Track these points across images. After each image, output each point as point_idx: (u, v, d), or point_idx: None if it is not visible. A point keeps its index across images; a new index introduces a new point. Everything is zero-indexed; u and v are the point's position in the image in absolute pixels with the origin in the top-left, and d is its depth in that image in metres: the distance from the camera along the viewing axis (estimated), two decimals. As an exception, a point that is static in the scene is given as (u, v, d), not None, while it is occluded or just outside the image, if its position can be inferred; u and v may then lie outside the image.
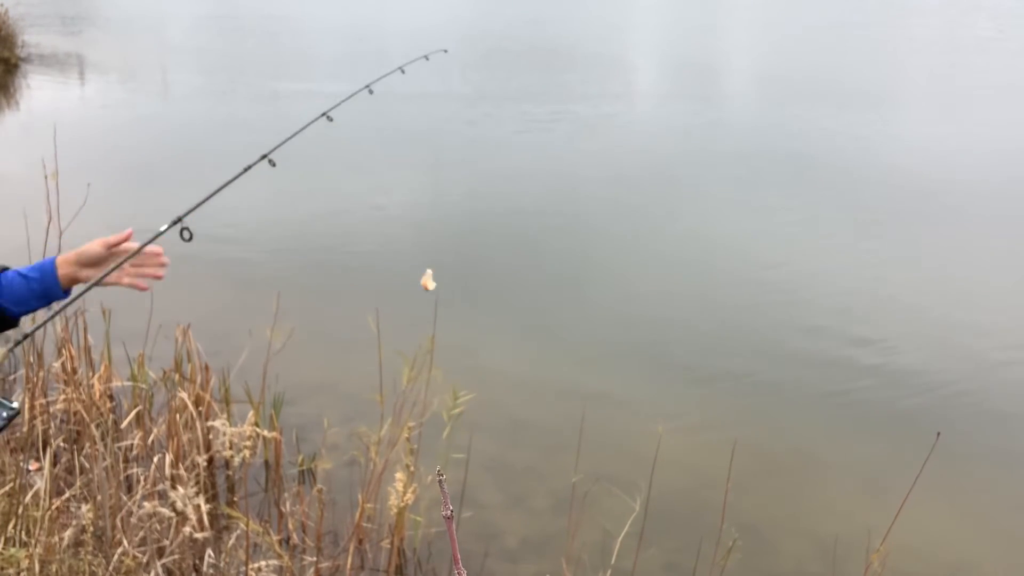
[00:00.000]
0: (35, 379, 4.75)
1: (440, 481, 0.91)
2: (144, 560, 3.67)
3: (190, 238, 2.27)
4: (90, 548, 3.60)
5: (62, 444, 4.62)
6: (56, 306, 2.17)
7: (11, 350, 2.08)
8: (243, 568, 3.74)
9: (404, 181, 10.42)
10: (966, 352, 6.55)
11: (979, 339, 6.76)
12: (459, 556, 0.80)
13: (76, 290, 2.21)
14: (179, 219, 2.30)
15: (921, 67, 19.35)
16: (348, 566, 4.09)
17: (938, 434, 3.07)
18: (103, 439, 4.19)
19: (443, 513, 0.88)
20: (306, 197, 9.73)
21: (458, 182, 10.55)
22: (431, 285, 2.33)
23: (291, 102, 14.31)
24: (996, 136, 13.30)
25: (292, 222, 8.96)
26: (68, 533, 3.60)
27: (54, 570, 3.42)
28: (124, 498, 3.96)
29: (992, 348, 6.63)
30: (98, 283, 2.18)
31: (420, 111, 13.67)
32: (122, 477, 4.29)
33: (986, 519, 4.86)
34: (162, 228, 2.30)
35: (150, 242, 2.22)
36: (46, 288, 2.12)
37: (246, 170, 2.56)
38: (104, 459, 3.90)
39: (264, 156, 2.68)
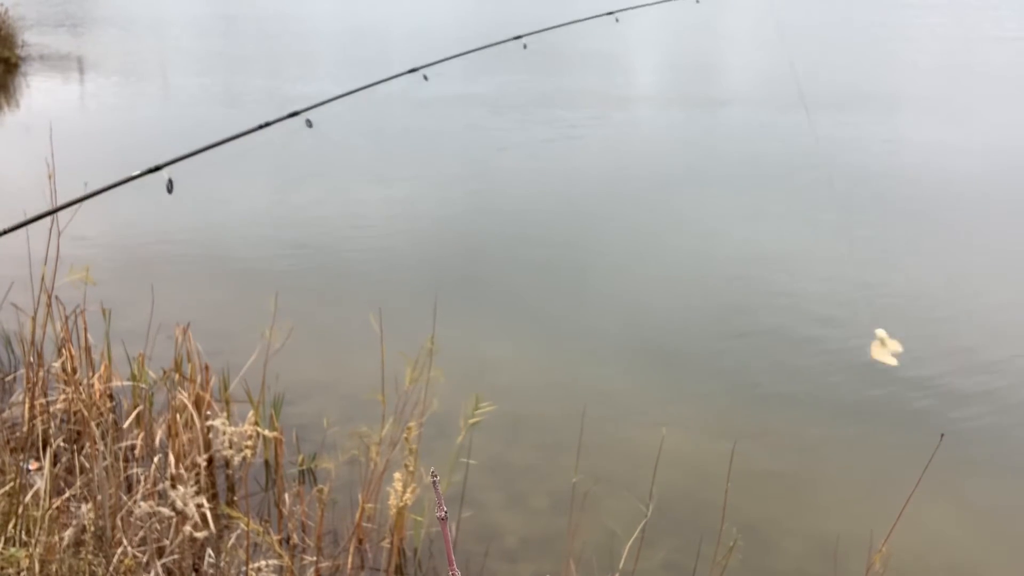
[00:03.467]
0: (35, 379, 4.75)
1: (434, 482, 0.90)
2: (144, 560, 3.67)
3: (171, 189, 2.27)
4: (90, 548, 3.60)
5: (62, 444, 4.62)
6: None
7: None
8: (243, 568, 3.74)
9: (409, 183, 10.41)
10: (971, 353, 6.53)
11: (985, 340, 6.74)
12: (453, 557, 0.79)
13: None
14: (157, 168, 2.28)
15: (938, 66, 19.27)
16: (348, 566, 4.08)
17: (942, 435, 3.06)
18: (103, 439, 4.19)
19: (437, 514, 0.88)
20: (309, 197, 9.74)
21: (463, 184, 10.55)
22: (889, 356, 1.78)
23: (291, 103, 14.28)
24: (1007, 135, 13.27)
25: (294, 222, 8.96)
26: (68, 533, 3.59)
27: (54, 570, 3.42)
28: (124, 498, 3.96)
29: (998, 349, 6.61)
30: None
31: (436, 114, 13.67)
32: (122, 477, 4.29)
33: (990, 521, 4.85)
34: (136, 172, 2.30)
35: (123, 182, 2.24)
36: None
37: (264, 125, 2.48)
38: (104, 459, 3.90)
39: (295, 113, 2.66)
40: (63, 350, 4.93)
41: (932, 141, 12.94)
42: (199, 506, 3.71)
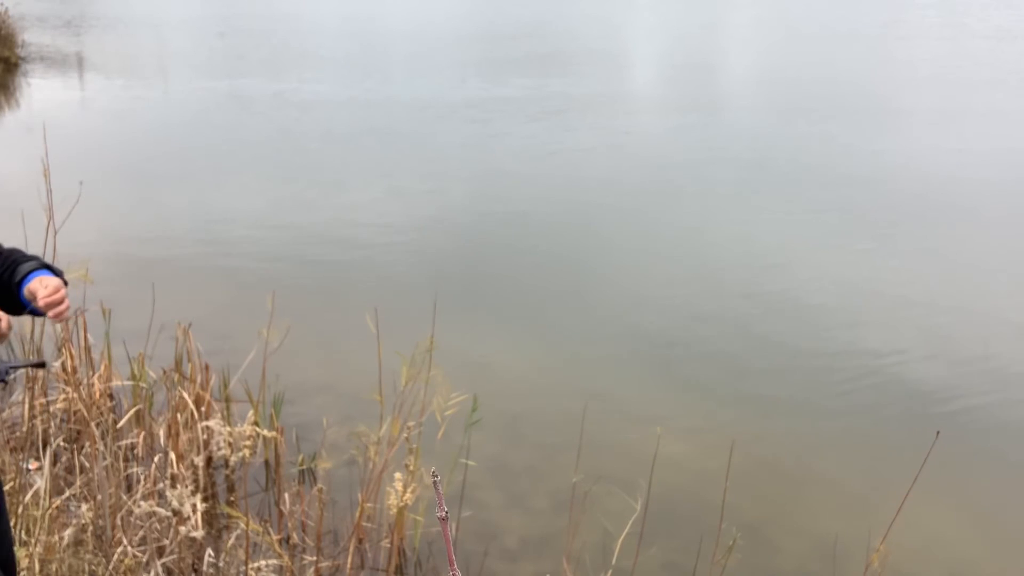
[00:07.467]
0: (35, 378, 4.75)
1: (435, 482, 0.91)
2: (144, 559, 3.67)
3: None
4: (90, 547, 3.60)
5: (62, 443, 4.62)
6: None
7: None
8: (243, 567, 3.74)
9: (410, 184, 10.41)
10: (967, 352, 6.54)
11: (980, 339, 6.74)
12: (454, 558, 0.79)
13: None
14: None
15: (952, 68, 19.23)
16: (348, 566, 4.08)
17: (937, 433, 3.07)
18: (103, 438, 4.19)
19: (438, 514, 0.88)
20: (310, 198, 9.74)
21: (463, 186, 10.55)
22: None
23: (289, 103, 14.29)
24: (1006, 136, 13.26)
25: (295, 222, 8.96)
26: (68, 532, 3.59)
27: (54, 569, 3.42)
28: (124, 497, 3.96)
29: (993, 348, 6.61)
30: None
31: (455, 118, 13.66)
32: (122, 476, 4.29)
33: (987, 519, 4.85)
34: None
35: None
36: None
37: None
38: (104, 458, 3.90)
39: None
40: (63, 349, 4.93)
41: (935, 144, 12.94)
42: (193, 506, 3.70)
